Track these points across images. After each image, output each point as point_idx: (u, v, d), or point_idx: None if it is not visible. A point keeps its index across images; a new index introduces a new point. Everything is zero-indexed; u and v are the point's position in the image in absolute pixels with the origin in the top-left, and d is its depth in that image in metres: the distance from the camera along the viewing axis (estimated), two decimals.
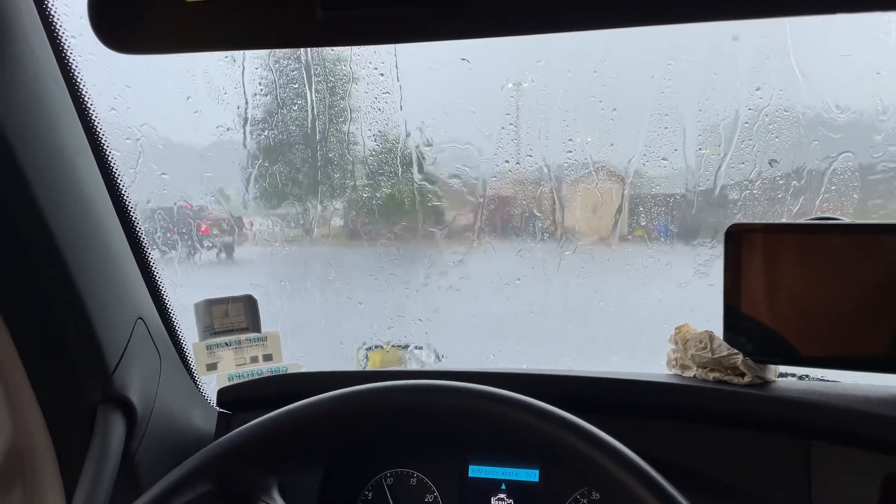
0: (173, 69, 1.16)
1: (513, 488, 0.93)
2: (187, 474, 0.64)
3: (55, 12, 0.77)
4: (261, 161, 1.32)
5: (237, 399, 1.03)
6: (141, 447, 0.86)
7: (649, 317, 1.29)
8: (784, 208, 1.13)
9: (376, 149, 1.28)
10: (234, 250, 1.51)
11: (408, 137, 1.25)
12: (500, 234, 1.37)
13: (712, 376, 0.87)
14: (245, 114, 1.24)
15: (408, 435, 0.91)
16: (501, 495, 0.93)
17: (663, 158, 1.16)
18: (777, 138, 1.10)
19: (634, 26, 0.52)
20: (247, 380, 1.04)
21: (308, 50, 1.20)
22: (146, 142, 1.15)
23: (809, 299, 0.81)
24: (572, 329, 1.35)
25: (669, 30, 1.06)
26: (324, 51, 1.21)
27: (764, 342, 0.83)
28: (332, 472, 0.96)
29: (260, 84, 1.23)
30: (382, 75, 1.16)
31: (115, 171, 0.88)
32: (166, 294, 0.98)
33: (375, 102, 1.20)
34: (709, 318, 0.89)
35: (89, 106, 0.83)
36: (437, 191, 1.32)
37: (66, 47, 0.79)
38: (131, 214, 0.91)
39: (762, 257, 0.82)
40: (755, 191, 1.15)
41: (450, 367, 1.20)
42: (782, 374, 0.90)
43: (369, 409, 0.67)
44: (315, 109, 1.25)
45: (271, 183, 1.35)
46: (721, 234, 0.84)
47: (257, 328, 1.05)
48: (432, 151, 1.27)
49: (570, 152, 1.20)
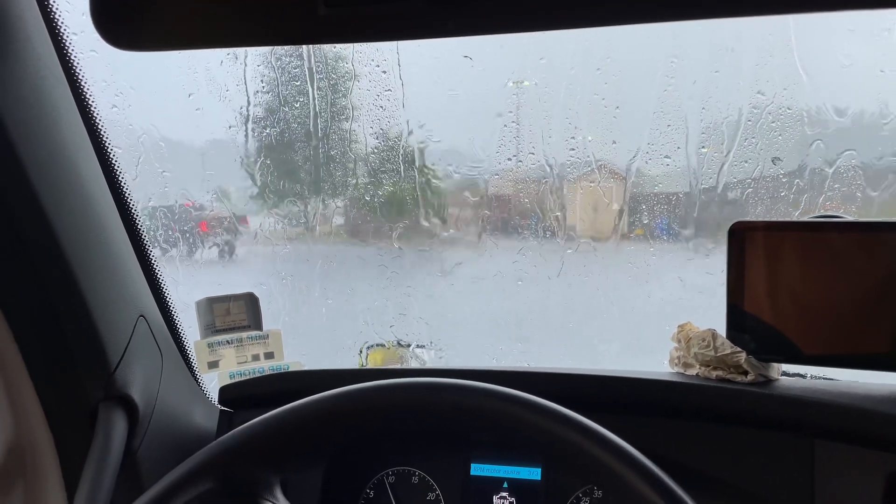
0: (175, 66, 1.16)
1: (515, 487, 0.93)
2: (190, 472, 0.64)
3: (57, 9, 0.77)
4: (262, 159, 1.32)
5: (239, 397, 1.03)
6: (142, 445, 0.86)
7: (652, 315, 1.29)
8: (787, 206, 1.13)
9: (378, 146, 1.28)
10: (236, 248, 1.51)
11: (410, 135, 1.24)
12: (502, 231, 1.36)
13: (715, 374, 0.87)
14: (247, 111, 1.24)
15: (410, 433, 0.91)
16: (503, 493, 0.92)
17: (666, 156, 1.15)
18: (780, 136, 1.09)
19: (637, 23, 0.52)
20: (248, 378, 1.04)
21: (310, 47, 1.20)
22: (148, 139, 1.15)
23: (812, 297, 0.81)
24: (574, 327, 1.35)
25: (672, 27, 1.06)
26: (325, 48, 1.21)
27: (767, 340, 0.83)
28: (334, 470, 0.96)
29: (262, 81, 1.23)
30: (385, 72, 1.16)
31: (116, 168, 0.88)
32: (168, 292, 0.98)
33: (377, 100, 1.20)
34: (712, 316, 0.89)
35: (91, 103, 0.83)
36: (438, 188, 1.32)
37: (67, 44, 0.79)
38: (133, 212, 0.91)
39: (765, 255, 0.82)
40: (759, 189, 1.14)
41: (452, 365, 1.20)
42: (785, 373, 0.90)
43: (372, 407, 0.66)
44: (317, 107, 1.25)
45: (273, 181, 1.35)
46: (724, 232, 0.84)
47: (259, 326, 1.05)
48: (434, 149, 1.27)
49: (572, 150, 1.20)
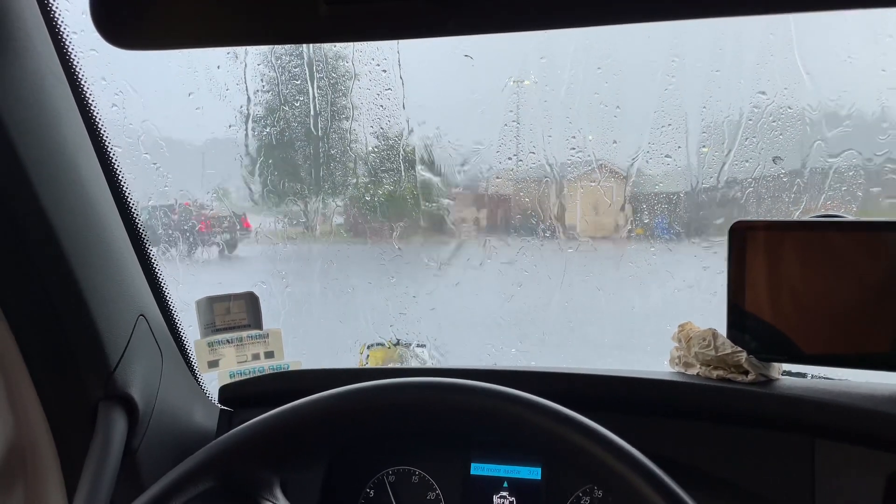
0: (175, 65, 1.16)
1: (515, 486, 0.92)
2: (190, 471, 0.64)
3: (57, 8, 0.77)
4: (263, 158, 1.32)
5: (239, 396, 1.03)
6: (142, 444, 0.86)
7: (652, 314, 1.29)
8: (787, 206, 1.13)
9: (378, 146, 1.28)
10: (236, 247, 1.51)
11: (410, 134, 1.24)
12: (502, 231, 1.36)
13: (716, 374, 0.87)
14: (247, 110, 1.24)
15: (411, 433, 0.91)
16: (503, 493, 0.92)
17: (667, 156, 1.15)
18: (781, 135, 1.09)
19: (638, 22, 0.52)
20: (248, 377, 1.04)
21: (310, 46, 1.19)
22: (147, 138, 1.15)
23: (813, 297, 0.81)
24: (575, 327, 1.35)
25: (673, 26, 1.06)
26: (326, 47, 1.21)
27: (768, 340, 0.83)
28: (335, 469, 0.96)
29: (262, 81, 1.23)
30: (385, 71, 1.16)
31: (116, 167, 0.88)
32: (168, 291, 0.98)
33: (378, 99, 1.20)
34: (712, 316, 0.89)
35: (91, 102, 0.83)
36: (438, 187, 1.32)
37: (67, 43, 0.79)
38: (132, 211, 0.91)
39: (766, 255, 0.82)
40: (759, 188, 1.14)
41: (453, 364, 1.20)
42: (786, 372, 0.90)
43: (372, 407, 0.66)
44: (317, 106, 1.25)
45: (273, 180, 1.35)
46: (724, 232, 0.84)
47: (259, 325, 1.05)
48: (434, 148, 1.27)
49: (573, 149, 1.20)
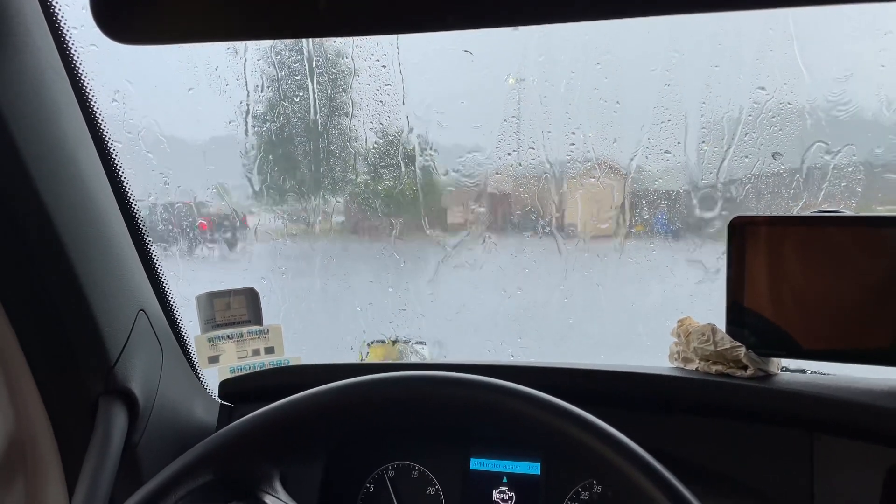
0: (175, 61, 1.16)
1: (514, 481, 0.93)
2: (189, 465, 0.64)
3: (56, 3, 0.77)
4: (262, 154, 1.32)
5: (239, 391, 1.03)
6: (143, 439, 0.86)
7: (651, 310, 1.29)
8: (787, 201, 1.13)
9: (378, 142, 1.28)
10: (236, 244, 1.51)
11: (410, 130, 1.24)
12: (502, 227, 1.36)
13: (715, 369, 0.87)
14: (247, 106, 1.24)
15: (410, 427, 0.91)
16: (503, 488, 0.92)
17: (666, 151, 1.15)
18: (780, 131, 1.09)
19: (637, 17, 0.52)
20: (248, 372, 1.04)
21: (310, 41, 1.19)
22: (148, 134, 1.15)
23: (812, 292, 0.81)
24: (574, 322, 1.35)
25: (673, 22, 1.06)
26: (325, 42, 1.20)
27: (767, 335, 0.83)
28: (334, 464, 0.96)
29: (262, 76, 1.22)
30: (384, 67, 1.16)
31: (116, 162, 0.88)
32: (168, 286, 0.98)
33: (377, 95, 1.20)
34: (711, 311, 0.89)
35: (91, 97, 0.83)
36: (438, 184, 1.32)
37: (67, 38, 0.79)
38: (133, 206, 0.91)
39: (765, 250, 0.82)
40: (759, 184, 1.14)
41: (452, 360, 1.20)
42: (785, 368, 0.90)
43: (371, 401, 0.66)
44: (317, 101, 1.25)
45: (273, 176, 1.35)
46: (723, 227, 0.84)
47: (259, 321, 1.05)
48: (434, 144, 1.27)
49: (572, 145, 1.19)
